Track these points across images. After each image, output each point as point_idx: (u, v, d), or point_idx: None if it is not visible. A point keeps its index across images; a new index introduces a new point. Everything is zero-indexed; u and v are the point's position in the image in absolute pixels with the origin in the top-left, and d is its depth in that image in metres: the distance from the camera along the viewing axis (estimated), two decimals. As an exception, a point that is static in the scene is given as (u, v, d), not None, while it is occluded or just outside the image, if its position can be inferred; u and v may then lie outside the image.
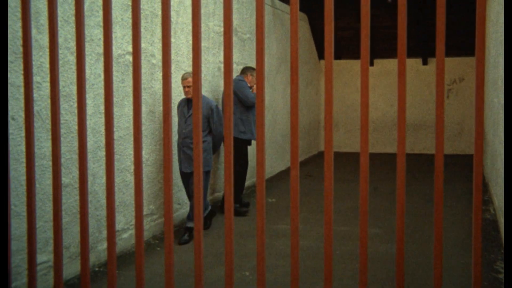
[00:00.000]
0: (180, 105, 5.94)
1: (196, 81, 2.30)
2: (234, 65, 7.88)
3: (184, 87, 5.71)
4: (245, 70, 7.05)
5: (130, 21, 5.26)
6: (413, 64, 12.74)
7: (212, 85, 7.15)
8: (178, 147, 5.91)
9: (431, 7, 11.43)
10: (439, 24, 2.01)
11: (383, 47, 12.64)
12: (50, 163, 4.24)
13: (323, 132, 13.55)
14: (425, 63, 12.70)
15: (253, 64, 8.60)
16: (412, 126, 12.91)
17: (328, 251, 2.20)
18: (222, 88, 7.45)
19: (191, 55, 6.47)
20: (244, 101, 6.74)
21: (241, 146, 6.87)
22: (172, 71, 6.01)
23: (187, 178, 5.87)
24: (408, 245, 5.40)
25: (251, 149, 8.64)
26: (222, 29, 7.40)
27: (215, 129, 5.89)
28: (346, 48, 12.87)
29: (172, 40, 6.01)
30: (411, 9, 11.06)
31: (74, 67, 4.51)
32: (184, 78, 5.72)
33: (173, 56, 6.08)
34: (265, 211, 6.26)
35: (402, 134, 2.15)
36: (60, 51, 4.36)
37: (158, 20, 5.80)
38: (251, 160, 8.62)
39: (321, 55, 13.28)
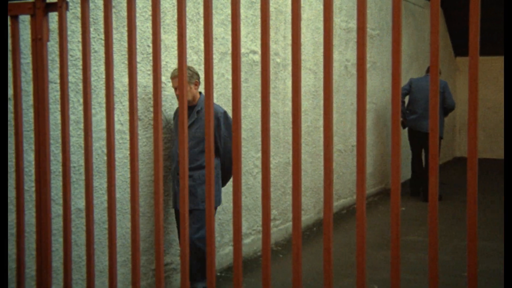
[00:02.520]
0: (176, 115, 4.35)
1: (327, 82, 2.29)
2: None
3: (174, 89, 4.25)
4: None
5: (255, 18, 5.38)
6: None
7: (338, 84, 7.12)
8: (172, 175, 4.33)
9: None
10: None
11: None
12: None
13: (458, 136, 12.97)
14: None
15: (384, 62, 8.44)
16: None
17: (472, 268, 2.10)
18: (351, 88, 7.39)
19: (316, 54, 6.49)
20: (451, 106, 8.10)
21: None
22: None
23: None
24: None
25: (377, 155, 8.51)
26: (349, 25, 7.35)
27: (224, 146, 4.30)
28: (486, 43, 12.21)
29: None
30: None
31: (198, 67, 4.70)
32: (173, 76, 4.20)
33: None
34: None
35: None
36: (185, 51, 4.55)
37: (283, 17, 5.87)
38: (380, 164, 8.47)
39: (457, 51, 12.73)
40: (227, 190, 5.12)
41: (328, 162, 2.29)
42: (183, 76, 2.46)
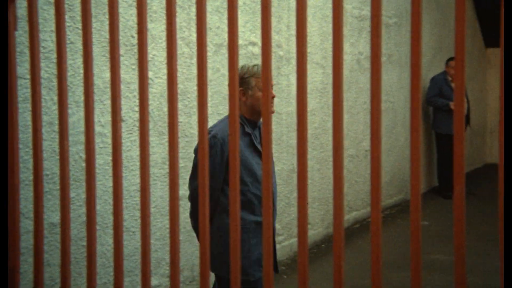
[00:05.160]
0: (222, 139, 3.38)
1: (337, 82, 2.30)
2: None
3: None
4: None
5: (254, 5, 5.39)
6: None
7: (349, 81, 7.12)
8: (246, 226, 3.39)
9: None
10: None
11: None
12: (162, 171, 4.45)
13: (490, 139, 12.98)
14: None
15: (402, 55, 8.45)
16: None
17: (504, 290, 2.09)
18: (365, 85, 7.39)
19: (324, 45, 6.50)
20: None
21: None
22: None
23: None
24: None
25: (396, 160, 8.51)
26: (362, 13, 7.36)
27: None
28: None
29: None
30: None
31: (190, 61, 4.70)
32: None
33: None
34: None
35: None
36: (174, 43, 4.57)
37: (286, 4, 5.88)
38: (398, 172, 8.47)
39: (488, 42, 12.73)
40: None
41: (338, 169, 2.29)
42: (173, 68, 2.46)
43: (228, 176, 3.10)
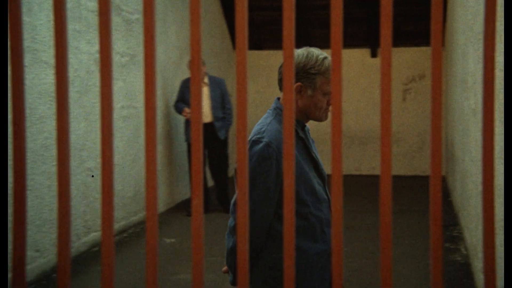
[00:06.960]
0: (278, 149, 3.09)
1: (61, 82, 2.24)
2: (118, 57, 7.79)
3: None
4: None
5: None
6: (359, 56, 13.09)
7: (86, 84, 7.02)
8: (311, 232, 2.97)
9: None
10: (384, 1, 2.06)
11: (320, 34, 12.91)
12: None
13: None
14: (374, 55, 13.07)
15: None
16: (358, 139, 13.19)
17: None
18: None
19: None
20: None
21: None
22: (27, 64, 5.86)
23: None
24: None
25: (140, 173, 8.57)
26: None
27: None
28: (271, 35, 13.04)
29: (26, 18, 5.87)
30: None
31: None
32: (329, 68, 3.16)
33: (28, 43, 5.92)
34: (161, 255, 6.22)
35: (337, 150, 2.18)
36: None
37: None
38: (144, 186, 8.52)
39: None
40: None
41: (62, 186, 2.23)
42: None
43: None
